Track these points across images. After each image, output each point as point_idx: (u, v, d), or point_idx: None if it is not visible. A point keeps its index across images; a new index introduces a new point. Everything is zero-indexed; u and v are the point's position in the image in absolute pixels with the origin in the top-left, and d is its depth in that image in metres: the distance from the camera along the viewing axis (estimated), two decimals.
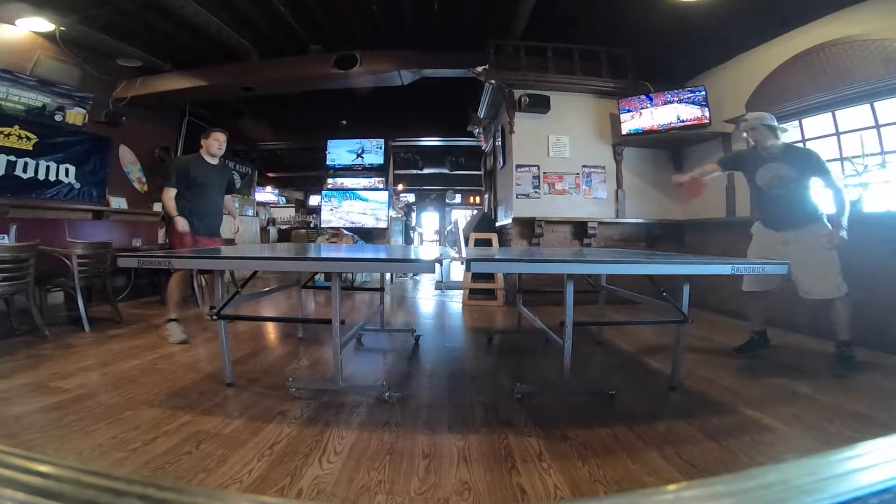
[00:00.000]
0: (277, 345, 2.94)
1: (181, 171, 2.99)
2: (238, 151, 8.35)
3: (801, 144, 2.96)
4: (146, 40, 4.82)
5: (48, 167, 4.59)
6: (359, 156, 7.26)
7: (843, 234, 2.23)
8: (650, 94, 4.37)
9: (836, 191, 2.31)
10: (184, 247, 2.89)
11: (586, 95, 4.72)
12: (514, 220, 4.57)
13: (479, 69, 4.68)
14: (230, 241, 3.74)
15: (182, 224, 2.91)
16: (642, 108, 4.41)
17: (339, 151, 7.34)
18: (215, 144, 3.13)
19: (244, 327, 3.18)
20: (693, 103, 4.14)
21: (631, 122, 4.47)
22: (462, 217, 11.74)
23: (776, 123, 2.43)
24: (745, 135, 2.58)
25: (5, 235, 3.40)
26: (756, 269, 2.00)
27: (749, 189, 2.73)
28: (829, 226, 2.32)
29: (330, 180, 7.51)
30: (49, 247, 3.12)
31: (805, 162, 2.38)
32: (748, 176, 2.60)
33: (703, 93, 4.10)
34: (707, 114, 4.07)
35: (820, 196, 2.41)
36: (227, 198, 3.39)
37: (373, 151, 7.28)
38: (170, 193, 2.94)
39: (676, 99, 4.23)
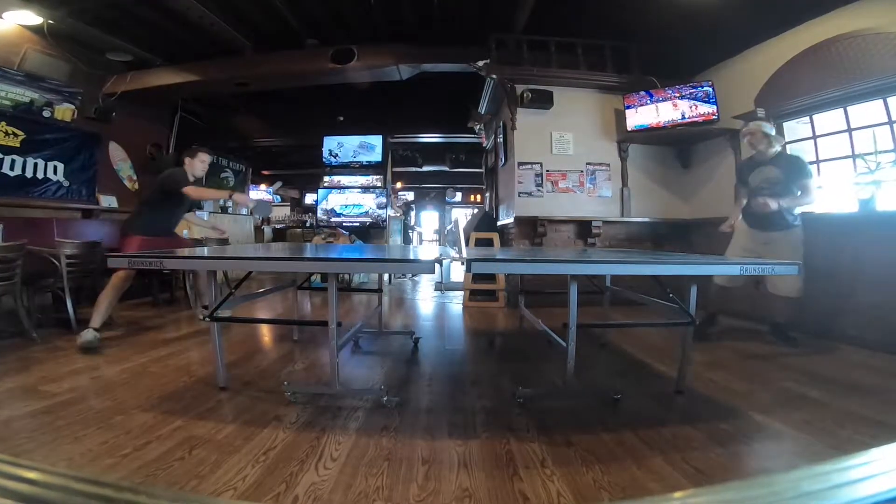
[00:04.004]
0: (272, 347, 2.87)
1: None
2: (232, 148, 8.23)
3: (791, 151, 3.22)
4: (137, 34, 4.70)
5: (36, 164, 4.48)
6: (359, 150, 7.13)
7: (773, 205, 2.53)
8: (656, 90, 4.28)
9: (809, 195, 2.61)
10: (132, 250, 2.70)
11: (590, 91, 4.63)
12: (516, 219, 4.49)
13: (480, 64, 4.59)
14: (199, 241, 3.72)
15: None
16: (648, 104, 4.31)
17: (336, 148, 7.23)
18: (200, 167, 3.05)
19: (238, 329, 3.11)
20: (700, 99, 4.05)
21: (636, 118, 4.38)
22: (462, 216, 11.69)
23: (773, 132, 2.77)
24: (745, 140, 2.89)
25: None
26: (766, 270, 1.92)
27: (745, 195, 2.91)
28: (803, 234, 2.63)
29: (326, 178, 7.39)
30: (37, 247, 3.04)
31: (792, 166, 2.68)
32: (746, 181, 2.87)
33: (711, 88, 4.01)
34: (715, 109, 3.98)
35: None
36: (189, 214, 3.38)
37: (370, 148, 7.17)
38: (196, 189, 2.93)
39: (681, 94, 4.14)
